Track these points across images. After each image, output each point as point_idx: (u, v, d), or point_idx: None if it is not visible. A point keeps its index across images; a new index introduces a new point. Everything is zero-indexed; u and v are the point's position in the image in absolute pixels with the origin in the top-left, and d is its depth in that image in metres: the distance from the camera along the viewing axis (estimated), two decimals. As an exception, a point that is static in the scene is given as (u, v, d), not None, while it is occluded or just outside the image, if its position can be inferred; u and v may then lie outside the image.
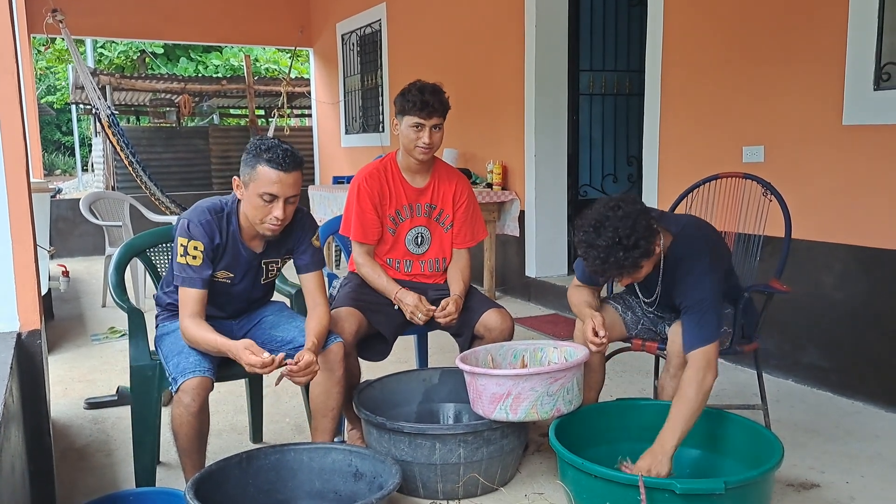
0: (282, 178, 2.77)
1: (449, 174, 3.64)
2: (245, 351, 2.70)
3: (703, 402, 2.70)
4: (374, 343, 3.41)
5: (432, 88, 3.40)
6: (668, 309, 3.16)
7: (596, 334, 2.99)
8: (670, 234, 2.91)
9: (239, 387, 3.85)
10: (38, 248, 2.78)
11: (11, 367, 2.30)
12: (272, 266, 3.12)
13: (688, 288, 2.84)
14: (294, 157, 2.81)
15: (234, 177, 2.89)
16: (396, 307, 3.43)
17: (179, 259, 2.86)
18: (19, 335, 2.63)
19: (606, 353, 3.32)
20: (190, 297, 2.86)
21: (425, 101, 3.35)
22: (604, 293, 3.40)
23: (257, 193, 2.78)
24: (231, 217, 2.94)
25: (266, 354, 2.69)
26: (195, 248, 2.84)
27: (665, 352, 3.11)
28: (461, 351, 3.49)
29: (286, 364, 2.74)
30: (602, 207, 2.73)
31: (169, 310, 3.12)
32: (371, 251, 3.56)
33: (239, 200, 2.93)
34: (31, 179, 3.01)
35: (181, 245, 2.85)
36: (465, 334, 3.47)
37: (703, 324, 2.78)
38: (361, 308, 3.32)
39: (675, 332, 2.97)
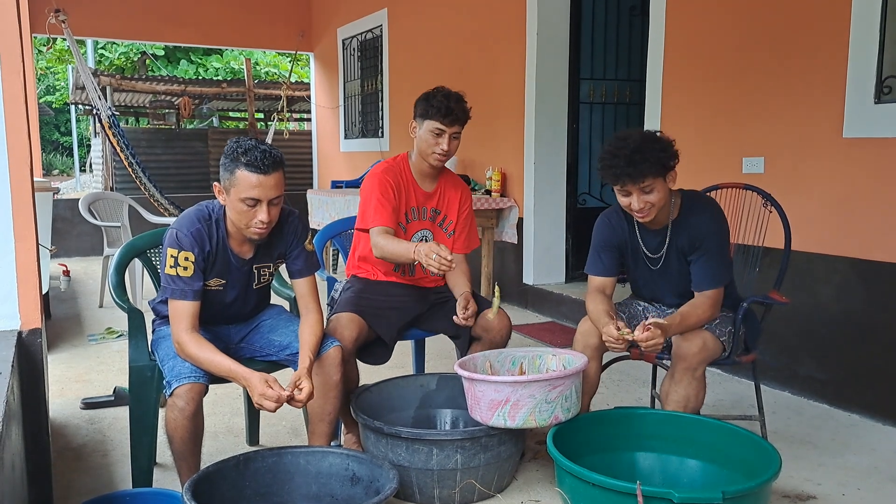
0: (262, 181, 2.71)
1: (454, 182, 3.66)
2: (264, 384, 2.66)
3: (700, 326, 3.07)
4: (373, 347, 3.41)
5: (457, 97, 3.41)
6: (672, 279, 3.21)
7: (619, 330, 2.95)
8: (678, 193, 3.13)
9: (236, 389, 3.85)
10: (39, 246, 2.78)
11: (13, 366, 2.30)
12: (264, 271, 3.08)
13: (705, 228, 3.09)
14: (273, 157, 2.74)
15: (215, 182, 2.84)
16: (398, 307, 3.43)
17: (169, 271, 2.80)
18: (20, 333, 2.63)
19: (604, 363, 3.34)
20: (183, 311, 2.81)
21: (450, 108, 3.36)
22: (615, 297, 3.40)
23: (239, 198, 2.73)
24: (219, 223, 2.89)
25: (285, 393, 2.68)
26: (186, 259, 2.79)
27: (664, 360, 3.12)
28: (459, 353, 3.50)
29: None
30: (621, 132, 3.04)
31: (165, 318, 3.06)
32: (391, 233, 3.40)
33: (224, 206, 2.88)
34: (34, 178, 3.00)
35: (171, 256, 2.80)
36: (464, 335, 3.48)
37: (718, 265, 3.08)
38: (362, 313, 3.32)
39: (678, 339, 3.02)
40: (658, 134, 3.01)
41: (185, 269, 2.80)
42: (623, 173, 2.90)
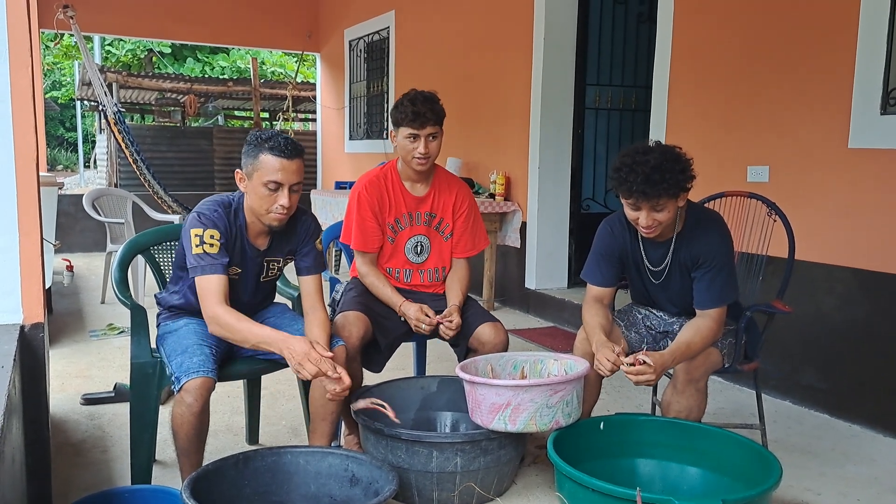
0: (285, 165, 2.79)
1: (449, 183, 3.64)
2: (308, 345, 2.72)
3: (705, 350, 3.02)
4: (372, 353, 3.41)
5: (424, 98, 3.39)
6: (674, 292, 3.19)
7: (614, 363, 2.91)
8: (684, 205, 3.04)
9: (236, 388, 3.85)
10: (43, 241, 2.78)
11: (14, 360, 2.30)
12: (273, 265, 3.11)
13: (711, 246, 3.02)
14: (295, 144, 2.83)
15: (237, 170, 2.89)
16: (402, 318, 3.43)
17: (195, 250, 2.82)
18: (23, 328, 2.62)
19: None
20: (214, 285, 2.81)
21: (417, 111, 3.34)
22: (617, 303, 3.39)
23: (262, 182, 2.79)
24: (238, 212, 2.94)
25: (328, 354, 2.75)
26: (211, 237, 2.83)
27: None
28: (459, 361, 3.49)
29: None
30: (640, 144, 2.93)
31: (171, 311, 3.10)
32: (374, 260, 3.55)
33: (243, 196, 2.93)
34: (40, 173, 3.01)
35: (195, 236, 2.82)
36: (462, 345, 3.47)
37: (725, 284, 3.02)
38: (368, 314, 3.33)
39: None
40: (678, 151, 2.91)
41: (212, 245, 2.83)
42: (638, 190, 2.82)
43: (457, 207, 3.61)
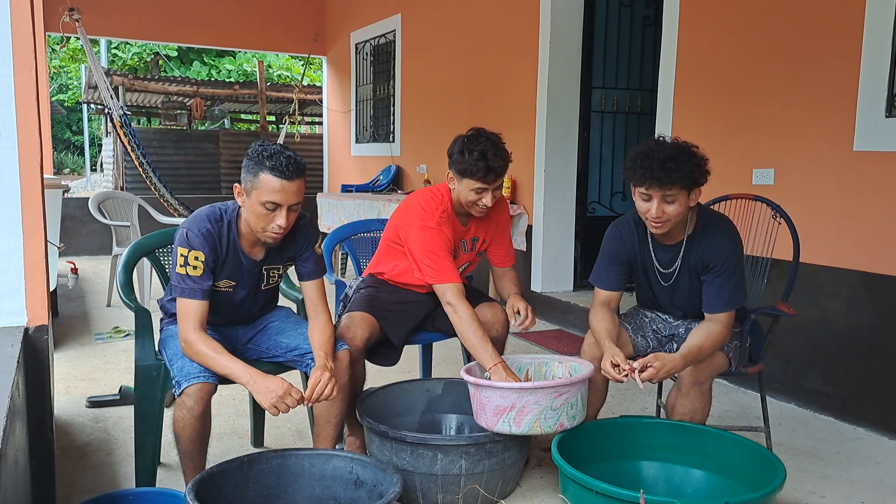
0: (285, 186, 2.73)
1: (493, 207, 3.50)
2: (283, 384, 2.68)
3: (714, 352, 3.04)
4: (383, 349, 3.41)
5: (495, 149, 3.20)
6: (682, 296, 3.18)
7: (615, 368, 2.90)
8: (694, 208, 3.05)
9: (241, 390, 3.84)
10: (48, 244, 2.78)
11: (18, 362, 2.31)
12: (273, 272, 3.09)
13: (722, 250, 3.02)
14: (297, 164, 2.76)
15: (236, 184, 2.85)
16: (408, 309, 3.42)
17: (179, 270, 2.80)
18: (27, 330, 2.63)
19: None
20: (192, 310, 2.81)
21: (490, 167, 3.18)
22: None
23: (260, 202, 2.74)
24: (231, 225, 2.89)
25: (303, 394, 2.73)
26: (196, 259, 2.79)
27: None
28: (465, 357, 3.48)
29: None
30: (658, 137, 2.99)
31: (173, 316, 3.08)
32: (463, 291, 3.26)
33: (240, 207, 2.88)
34: (44, 176, 3.01)
35: (181, 255, 2.80)
36: None
37: (734, 289, 3.03)
38: (375, 314, 3.32)
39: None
40: (694, 148, 2.92)
41: (195, 268, 2.80)
42: (652, 176, 2.82)
43: (497, 229, 3.61)
